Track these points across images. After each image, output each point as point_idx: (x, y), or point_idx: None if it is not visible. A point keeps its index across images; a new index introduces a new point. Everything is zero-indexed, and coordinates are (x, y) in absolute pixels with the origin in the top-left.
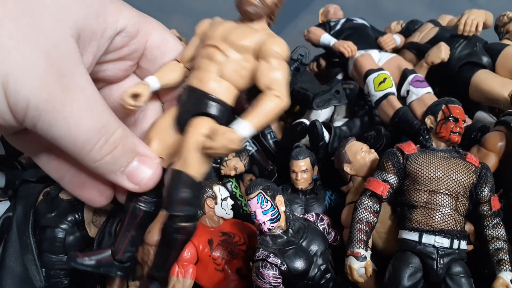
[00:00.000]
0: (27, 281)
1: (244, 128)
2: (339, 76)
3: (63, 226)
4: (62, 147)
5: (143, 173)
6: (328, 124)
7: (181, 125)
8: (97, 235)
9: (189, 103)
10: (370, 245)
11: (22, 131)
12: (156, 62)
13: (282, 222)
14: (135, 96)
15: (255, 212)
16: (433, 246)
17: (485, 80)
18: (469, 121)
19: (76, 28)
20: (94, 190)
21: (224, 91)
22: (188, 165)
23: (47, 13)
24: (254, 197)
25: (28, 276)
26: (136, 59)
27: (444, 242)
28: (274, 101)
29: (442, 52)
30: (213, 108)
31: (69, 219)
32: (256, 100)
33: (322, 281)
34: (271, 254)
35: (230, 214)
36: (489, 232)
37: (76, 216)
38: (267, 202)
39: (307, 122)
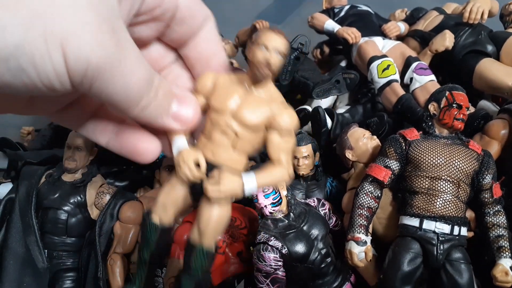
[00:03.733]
0: (30, 262)
1: (250, 180)
2: (343, 63)
3: (66, 208)
4: (114, 103)
5: (185, 111)
6: (330, 110)
7: (196, 194)
8: (99, 217)
9: None
10: (370, 230)
11: (68, 106)
12: (185, 23)
13: (283, 206)
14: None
15: (257, 195)
16: (434, 232)
17: (489, 68)
18: (472, 110)
19: None
20: (142, 143)
21: (236, 160)
22: (207, 238)
23: None
24: None
25: (30, 257)
26: (168, 21)
27: (445, 228)
28: (282, 173)
29: (446, 40)
30: None
31: (71, 201)
32: (266, 166)
33: (323, 265)
34: (272, 237)
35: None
36: (490, 219)
37: (79, 198)
38: (269, 186)
39: (309, 108)
